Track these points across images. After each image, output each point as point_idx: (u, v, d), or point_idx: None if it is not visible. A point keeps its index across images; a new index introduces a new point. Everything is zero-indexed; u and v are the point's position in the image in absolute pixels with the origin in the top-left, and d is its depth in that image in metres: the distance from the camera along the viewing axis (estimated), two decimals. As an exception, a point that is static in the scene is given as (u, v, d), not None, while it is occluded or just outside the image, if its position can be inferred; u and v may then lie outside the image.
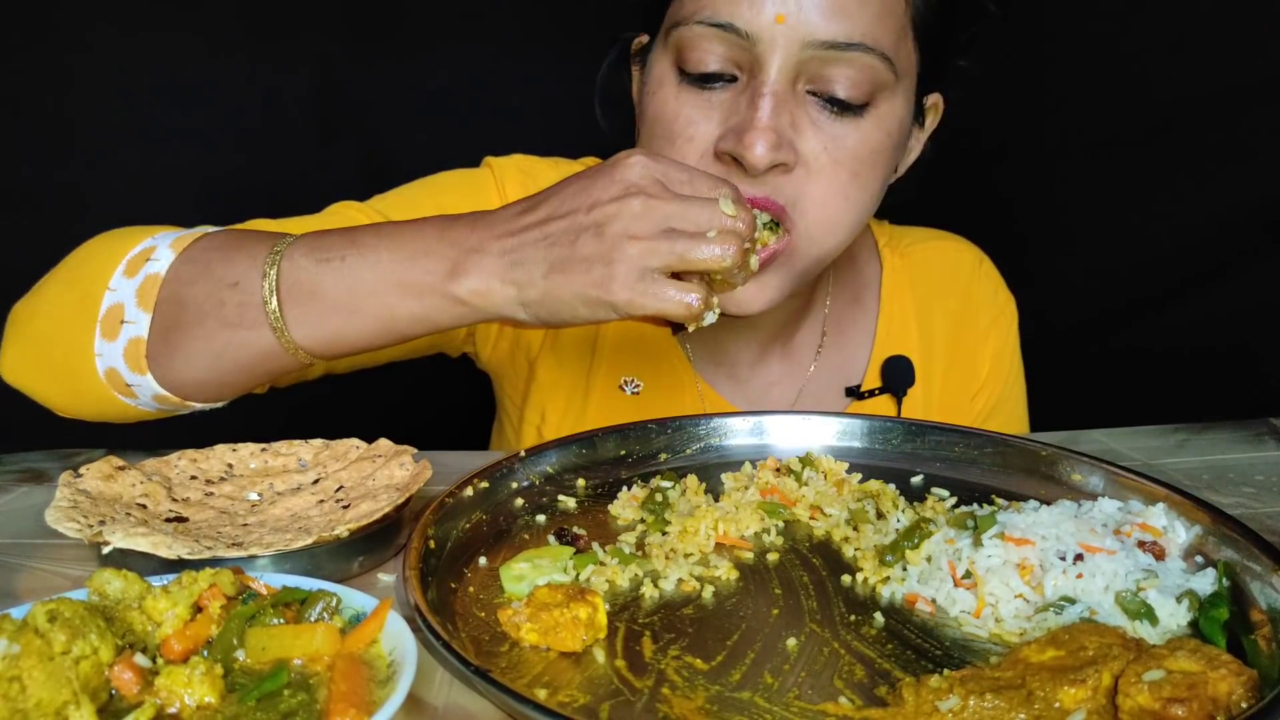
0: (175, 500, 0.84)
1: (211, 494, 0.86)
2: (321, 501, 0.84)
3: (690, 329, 0.79)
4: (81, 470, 0.82)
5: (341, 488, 0.86)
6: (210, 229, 0.92)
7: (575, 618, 0.67)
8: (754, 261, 0.80)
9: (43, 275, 0.94)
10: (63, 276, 0.93)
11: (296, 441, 0.94)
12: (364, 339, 0.83)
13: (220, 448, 0.92)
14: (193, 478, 0.88)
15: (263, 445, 0.93)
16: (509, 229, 0.78)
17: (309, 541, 0.73)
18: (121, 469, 0.84)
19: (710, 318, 0.78)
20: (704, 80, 0.94)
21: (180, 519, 0.80)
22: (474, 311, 0.79)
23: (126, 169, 1.60)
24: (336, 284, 0.81)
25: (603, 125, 1.11)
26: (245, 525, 0.81)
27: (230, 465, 0.91)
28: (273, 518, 0.82)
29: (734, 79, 0.94)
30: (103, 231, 0.95)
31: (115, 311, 0.86)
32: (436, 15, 1.66)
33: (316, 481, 0.88)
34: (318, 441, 0.94)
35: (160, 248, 0.87)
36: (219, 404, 0.93)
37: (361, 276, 0.80)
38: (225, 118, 1.64)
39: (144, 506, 0.81)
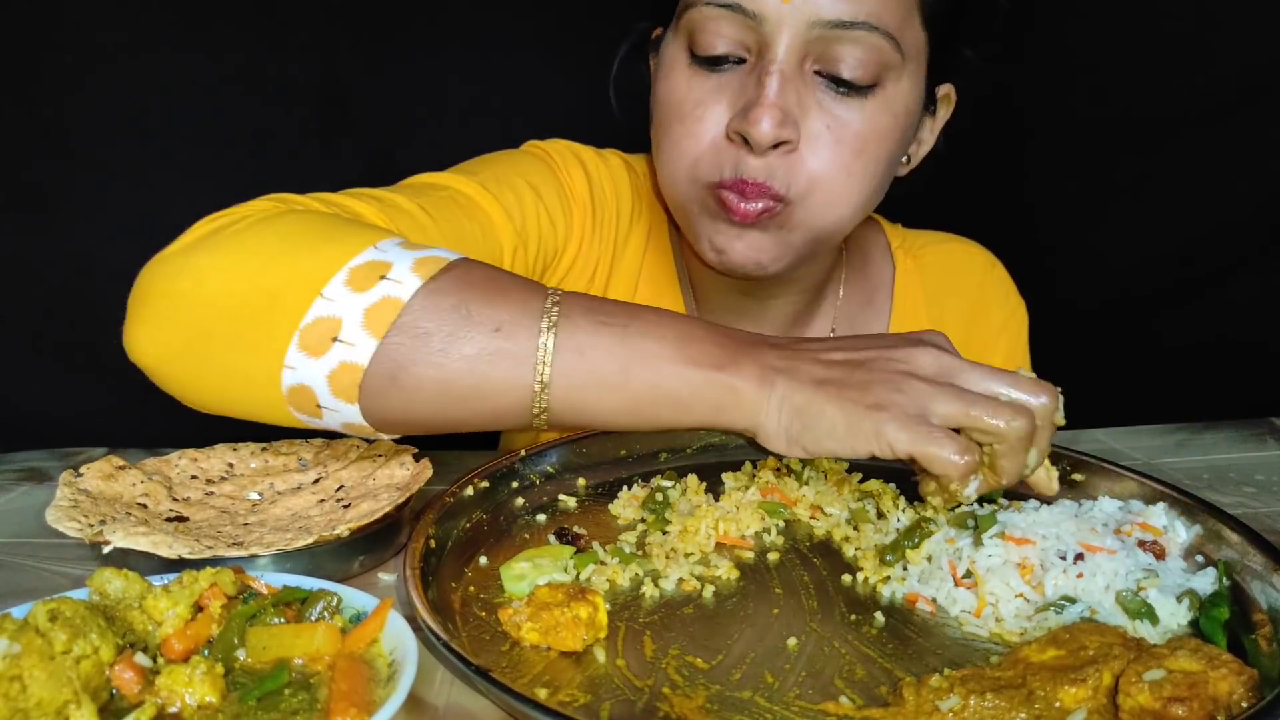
0: (176, 500, 0.84)
1: (212, 493, 0.86)
2: (322, 501, 0.84)
3: (938, 498, 0.72)
4: (82, 470, 0.82)
5: (342, 487, 0.86)
6: (453, 255, 0.78)
7: (576, 617, 0.67)
8: (1046, 469, 0.73)
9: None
10: (237, 262, 0.76)
11: (297, 441, 0.94)
12: (613, 412, 0.75)
13: (220, 447, 0.92)
14: (193, 477, 0.88)
15: (263, 444, 0.93)
16: (789, 345, 0.74)
17: (309, 541, 0.73)
18: (122, 468, 0.84)
19: (970, 490, 0.70)
20: (713, 62, 0.95)
21: (181, 518, 0.80)
22: (732, 406, 0.73)
23: (127, 168, 1.60)
24: (610, 349, 0.73)
25: (619, 116, 1.11)
26: (246, 525, 0.81)
27: (231, 465, 0.91)
28: (273, 517, 0.82)
29: (742, 60, 0.94)
30: (205, 212, 0.81)
31: (328, 326, 0.72)
32: (441, 14, 1.65)
33: (317, 481, 0.88)
34: (318, 441, 0.94)
35: (398, 266, 0.74)
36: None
37: (640, 346, 0.74)
38: (226, 117, 1.63)
39: (144, 506, 0.81)
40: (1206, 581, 0.72)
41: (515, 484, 0.90)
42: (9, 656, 0.52)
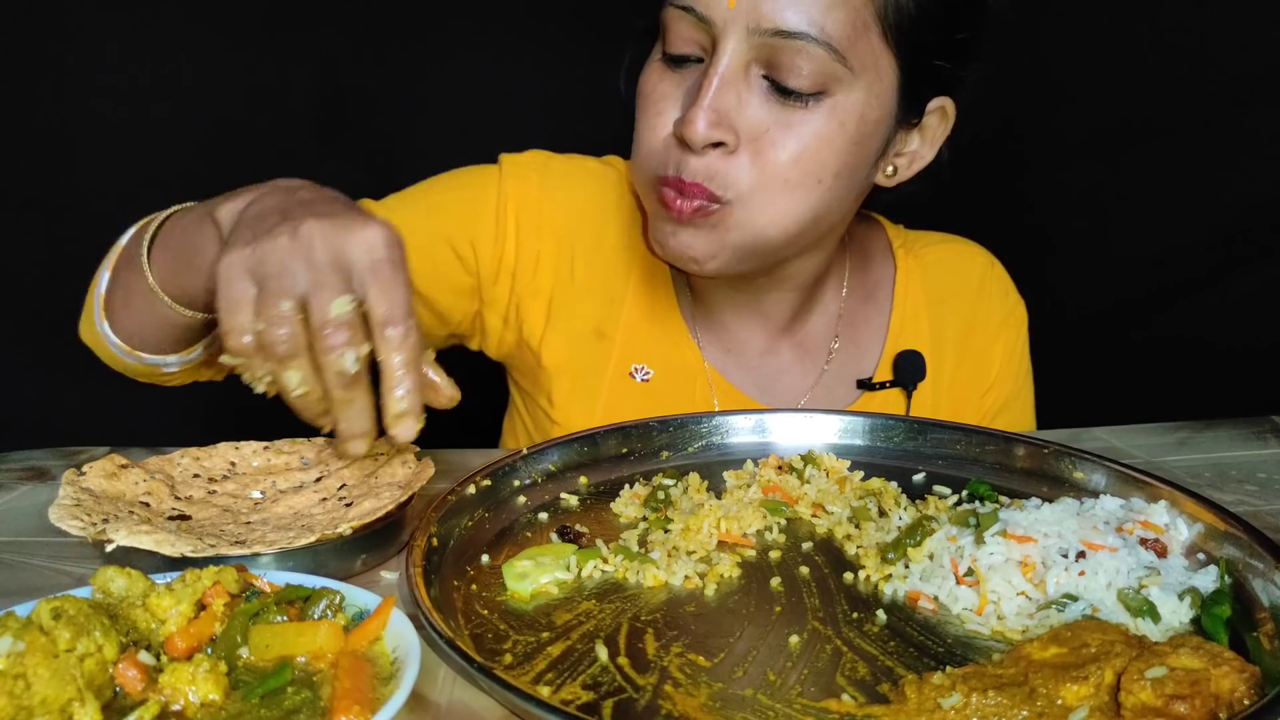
0: (178, 498, 0.84)
1: (214, 492, 0.86)
2: (324, 499, 0.84)
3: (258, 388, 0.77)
4: (84, 468, 0.82)
5: (344, 485, 0.86)
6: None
7: None
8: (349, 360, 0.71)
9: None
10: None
11: (299, 439, 0.94)
12: (197, 291, 0.86)
13: (223, 446, 0.92)
14: (195, 476, 0.89)
15: (265, 443, 0.93)
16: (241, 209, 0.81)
17: (312, 539, 0.74)
18: (124, 467, 0.84)
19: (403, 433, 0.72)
20: (678, 61, 0.99)
21: (183, 517, 0.81)
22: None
23: (127, 168, 1.60)
24: (185, 231, 0.88)
25: (629, 108, 1.12)
26: (248, 523, 0.81)
27: (233, 463, 0.91)
28: (275, 515, 0.82)
29: (700, 61, 0.98)
30: (97, 226, 1.00)
31: (97, 282, 0.98)
32: (440, 15, 1.66)
33: (319, 479, 0.88)
34: (320, 439, 0.94)
35: (134, 229, 0.96)
36: (170, 358, 0.97)
37: (195, 229, 0.86)
38: (227, 117, 1.64)
39: (147, 505, 0.81)
40: (1208, 579, 0.72)
41: (517, 482, 0.90)
42: (13, 655, 0.52)
